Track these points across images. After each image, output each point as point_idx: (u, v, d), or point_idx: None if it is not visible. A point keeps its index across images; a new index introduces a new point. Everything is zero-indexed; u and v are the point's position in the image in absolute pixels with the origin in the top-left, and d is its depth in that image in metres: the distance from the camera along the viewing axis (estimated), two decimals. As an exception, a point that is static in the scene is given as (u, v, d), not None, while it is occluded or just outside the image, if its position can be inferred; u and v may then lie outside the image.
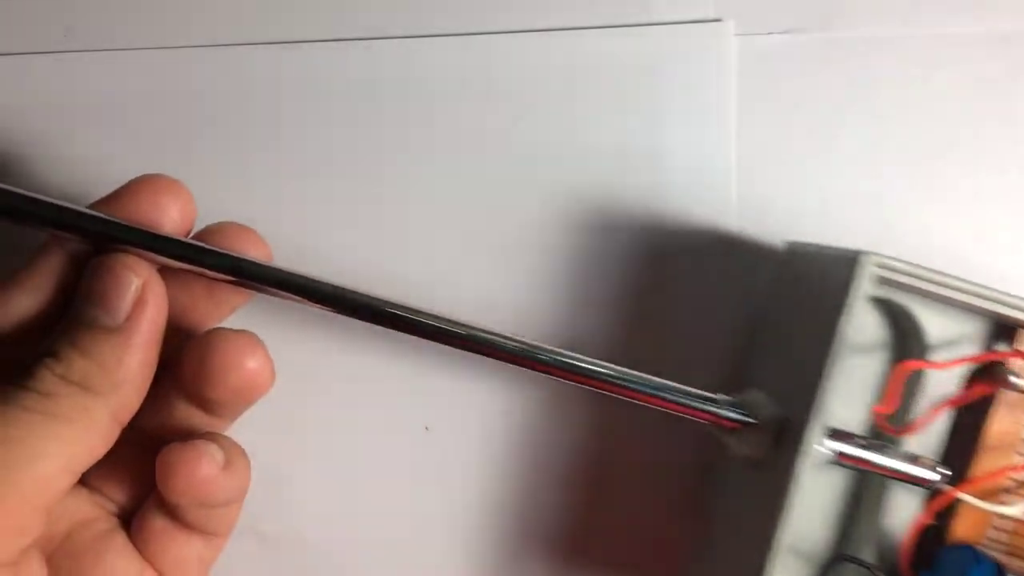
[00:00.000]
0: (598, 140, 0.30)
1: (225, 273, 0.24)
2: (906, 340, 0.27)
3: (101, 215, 0.23)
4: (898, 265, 0.24)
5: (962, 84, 0.30)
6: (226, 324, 0.25)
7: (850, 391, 0.27)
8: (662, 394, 0.26)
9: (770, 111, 0.30)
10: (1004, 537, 0.27)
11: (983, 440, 0.26)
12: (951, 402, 0.27)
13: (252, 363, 0.23)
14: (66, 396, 0.21)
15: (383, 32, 0.30)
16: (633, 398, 0.26)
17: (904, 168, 0.30)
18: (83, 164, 0.29)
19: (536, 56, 0.30)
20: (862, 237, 0.30)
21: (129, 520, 0.25)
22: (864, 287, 0.24)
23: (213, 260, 0.24)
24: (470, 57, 0.30)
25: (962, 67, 0.30)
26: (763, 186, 0.30)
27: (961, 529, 0.27)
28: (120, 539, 0.25)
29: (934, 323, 0.27)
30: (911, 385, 0.27)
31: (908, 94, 0.30)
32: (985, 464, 0.26)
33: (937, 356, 0.27)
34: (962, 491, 0.26)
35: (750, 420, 0.26)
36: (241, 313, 0.27)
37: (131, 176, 0.26)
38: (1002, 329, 0.27)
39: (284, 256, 0.26)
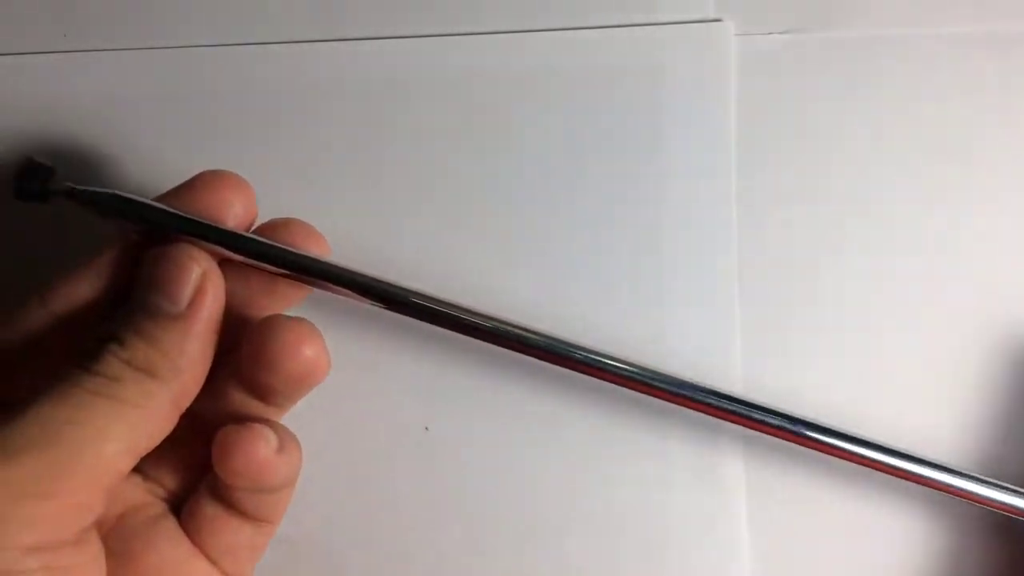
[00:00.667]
0: (597, 141, 0.30)
1: (283, 268, 0.24)
2: None
3: (170, 209, 0.24)
4: None
5: (962, 84, 0.30)
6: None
7: None
8: None
9: (770, 111, 0.30)
10: None
11: None
12: None
13: (309, 350, 0.24)
14: (131, 381, 0.22)
15: (382, 32, 0.30)
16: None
17: (904, 167, 0.30)
18: (82, 164, 0.29)
19: (536, 56, 0.30)
20: (861, 237, 0.30)
21: (179, 506, 0.26)
22: None
23: (275, 255, 0.24)
24: (470, 57, 0.30)
25: (962, 67, 0.30)
26: (762, 186, 0.30)
27: None
28: (170, 524, 0.25)
29: None
30: None
31: (908, 94, 0.30)
32: None
33: None
34: None
35: None
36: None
37: (129, 176, 0.26)
38: None
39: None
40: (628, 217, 0.30)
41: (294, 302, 0.27)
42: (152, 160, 0.29)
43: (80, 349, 0.23)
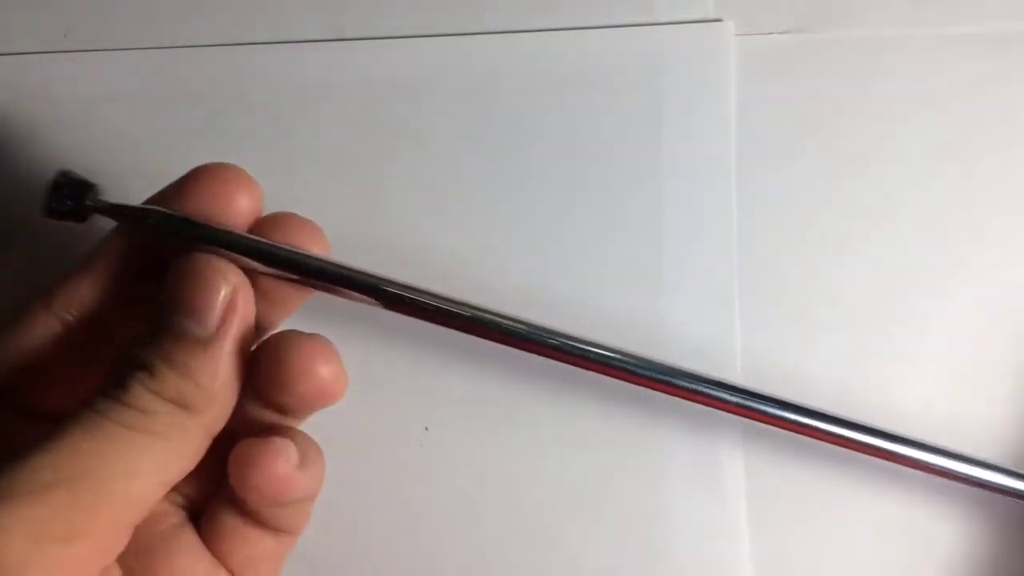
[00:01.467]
0: (598, 140, 0.30)
1: (298, 273, 0.23)
2: None
3: (226, 228, 0.23)
4: None
5: (962, 84, 0.30)
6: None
7: None
8: None
9: (770, 111, 0.30)
10: None
11: None
12: None
13: (325, 370, 0.23)
14: (164, 414, 0.21)
15: (383, 32, 0.30)
16: None
17: (904, 168, 0.30)
18: (82, 164, 0.29)
19: (536, 56, 0.30)
20: (861, 237, 0.30)
21: (198, 515, 0.25)
22: None
23: (294, 260, 0.23)
24: (470, 57, 0.30)
25: (962, 67, 0.30)
26: (763, 186, 0.30)
27: None
28: (189, 535, 0.24)
29: None
30: None
31: (908, 94, 0.30)
32: None
33: None
34: None
35: None
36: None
37: (129, 177, 0.26)
38: None
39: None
40: (628, 217, 0.30)
41: (294, 306, 0.25)
42: (153, 160, 0.29)
43: (108, 374, 0.21)
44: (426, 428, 0.30)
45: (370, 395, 0.30)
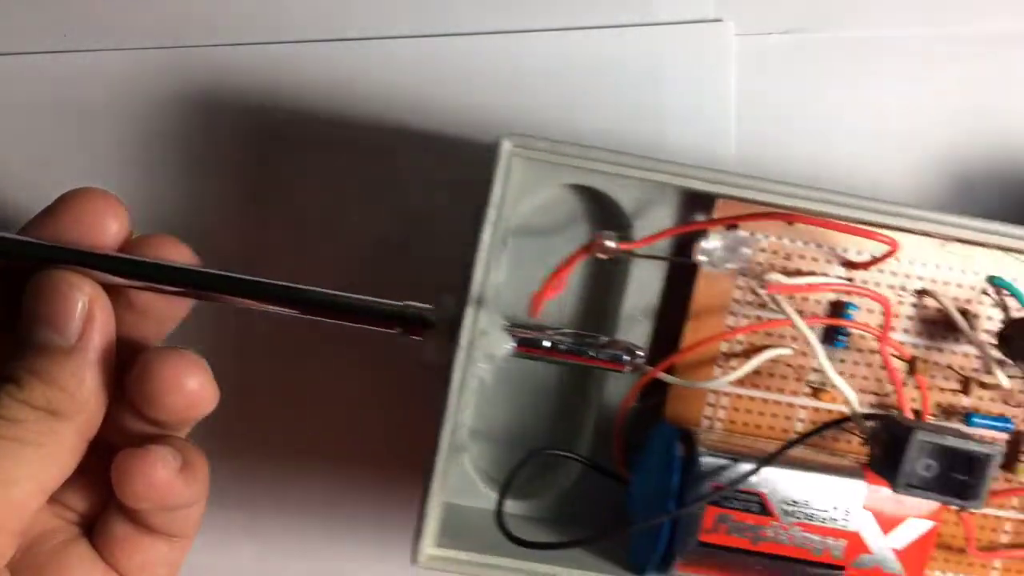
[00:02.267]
0: (597, 140, 0.30)
1: (148, 282, 0.24)
2: (608, 225, 0.27)
3: (44, 242, 0.23)
4: (540, 144, 0.24)
5: (962, 84, 0.30)
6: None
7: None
8: (323, 306, 0.24)
9: (770, 111, 0.30)
10: (723, 414, 0.27)
11: (690, 312, 0.26)
12: (555, 274, 0.25)
13: (192, 383, 0.23)
14: (33, 422, 0.22)
15: (383, 32, 0.30)
16: (300, 312, 0.25)
17: (904, 167, 0.30)
18: (83, 164, 0.29)
19: (536, 56, 0.30)
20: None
21: (90, 528, 0.25)
22: (504, 168, 0.24)
23: (167, 276, 0.24)
24: (470, 57, 0.30)
25: (962, 67, 0.30)
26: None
27: (675, 408, 0.26)
28: (82, 548, 0.25)
29: (632, 205, 0.26)
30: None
31: (908, 94, 0.30)
32: (692, 336, 0.26)
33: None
34: (666, 369, 0.26)
35: (417, 319, 0.24)
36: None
37: (133, 176, 0.26)
38: (696, 202, 0.27)
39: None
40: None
41: (170, 319, 0.26)
42: (152, 161, 0.29)
43: None
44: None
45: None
